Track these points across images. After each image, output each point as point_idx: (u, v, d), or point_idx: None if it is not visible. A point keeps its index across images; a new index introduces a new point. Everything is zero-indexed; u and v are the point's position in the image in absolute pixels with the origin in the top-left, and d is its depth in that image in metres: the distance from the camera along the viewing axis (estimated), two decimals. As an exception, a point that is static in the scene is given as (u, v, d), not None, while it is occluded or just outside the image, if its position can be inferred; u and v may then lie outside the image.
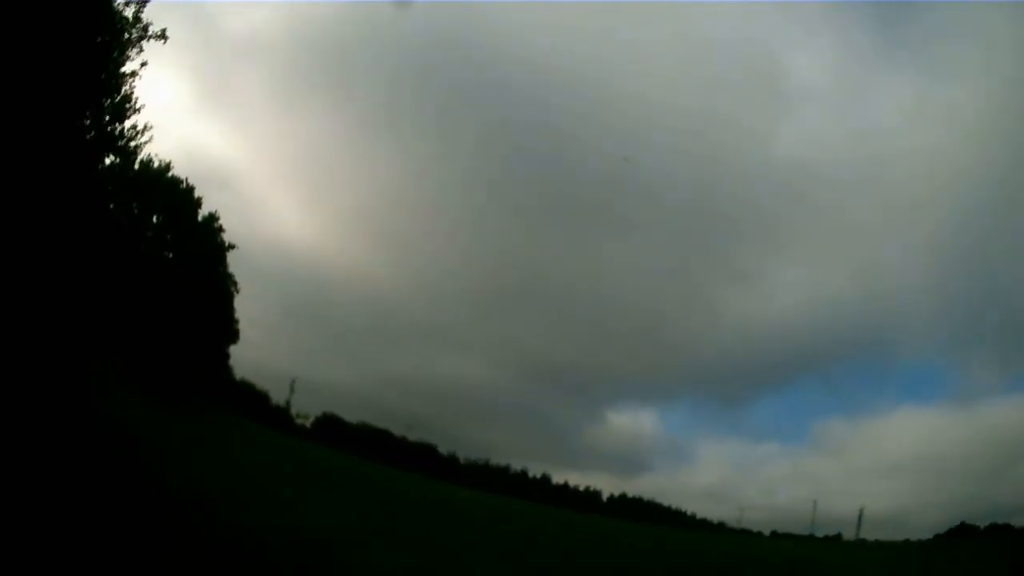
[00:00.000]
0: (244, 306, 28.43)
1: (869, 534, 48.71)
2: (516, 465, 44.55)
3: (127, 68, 16.35)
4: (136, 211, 23.57)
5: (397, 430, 39.48)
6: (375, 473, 27.52)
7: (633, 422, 63.69)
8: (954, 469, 56.38)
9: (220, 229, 27.32)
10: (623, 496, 46.53)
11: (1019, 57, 66.93)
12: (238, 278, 27.86)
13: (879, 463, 59.25)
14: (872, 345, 70.15)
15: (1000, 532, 45.04)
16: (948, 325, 68.48)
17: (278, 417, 35.04)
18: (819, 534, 51.17)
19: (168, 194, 25.02)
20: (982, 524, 48.17)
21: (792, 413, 74.64)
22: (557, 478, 45.16)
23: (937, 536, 47.68)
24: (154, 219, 24.96)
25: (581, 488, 45.04)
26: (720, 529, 49.24)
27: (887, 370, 70.76)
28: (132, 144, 20.69)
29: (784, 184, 69.94)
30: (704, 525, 48.60)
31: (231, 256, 27.19)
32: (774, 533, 51.24)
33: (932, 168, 66.18)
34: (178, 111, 41.14)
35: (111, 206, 20.16)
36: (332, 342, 52.36)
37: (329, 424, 37.14)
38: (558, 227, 67.67)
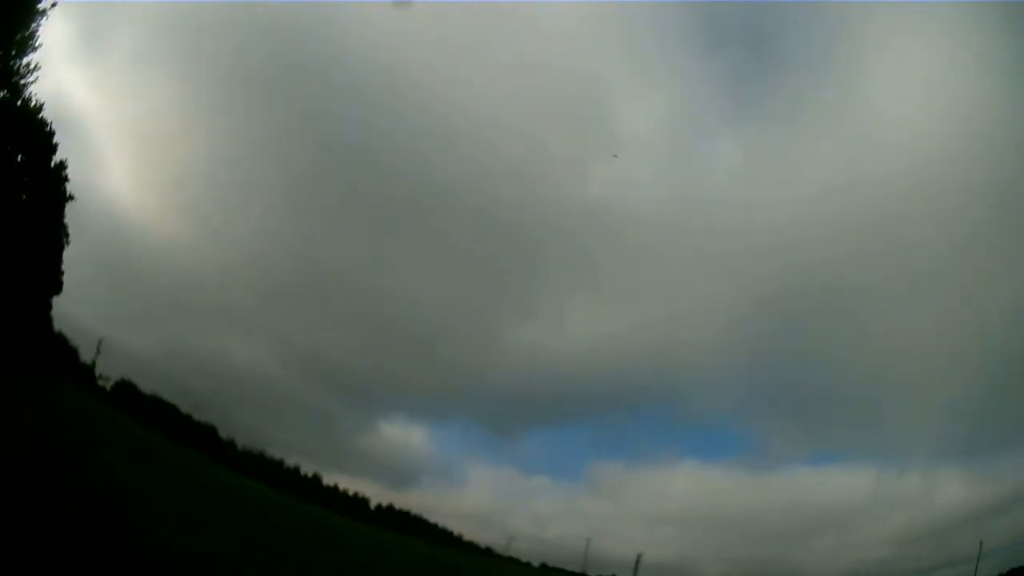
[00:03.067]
0: (71, 259, 29.29)
1: None
2: (290, 460, 45.55)
3: (42, 5, 17.40)
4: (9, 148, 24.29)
5: (184, 407, 39.82)
6: (157, 444, 28.62)
7: (405, 435, 64.07)
8: (742, 529, 58.88)
9: (65, 178, 28.57)
10: (391, 507, 47.88)
11: (857, 120, 67.63)
12: (71, 230, 28.17)
13: (659, 511, 61.20)
14: (663, 395, 71.08)
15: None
16: (748, 389, 70.63)
17: (84, 375, 35.02)
18: (592, 573, 53.76)
19: (33, 136, 26.01)
20: None
21: (569, 450, 76.69)
22: (328, 479, 46.21)
23: None
24: (18, 158, 25.49)
25: (350, 493, 46.15)
26: (488, 554, 51.19)
27: (676, 423, 72.19)
28: (22, 81, 21.51)
29: (597, 224, 71.17)
30: (471, 547, 50.58)
31: (68, 207, 27.74)
32: (544, 566, 53.76)
33: (757, 225, 68.57)
34: (56, 50, 39.91)
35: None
36: (143, 308, 50.63)
37: (125, 390, 37.44)
38: (364, 231, 67.50)
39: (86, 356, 36.45)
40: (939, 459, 60.57)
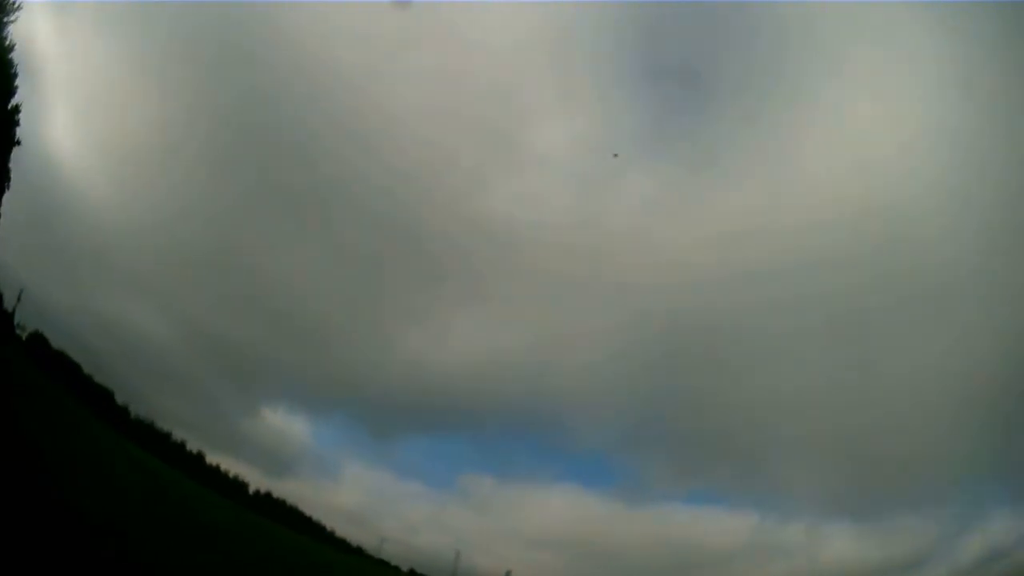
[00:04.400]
0: (9, 207, 30.34)
1: None
2: (178, 435, 45.48)
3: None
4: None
5: (87, 367, 40.21)
6: (63, 402, 30.42)
7: (287, 424, 63.67)
8: (614, 561, 58.38)
9: (17, 123, 29.74)
10: (268, 494, 48.14)
11: (782, 169, 68.75)
12: (13, 175, 29.63)
13: (531, 531, 61.06)
14: (544, 417, 69.86)
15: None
16: (630, 421, 69.74)
17: (3, 322, 35.83)
18: None
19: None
20: None
21: (444, 460, 73.81)
22: (211, 459, 46.34)
23: None
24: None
25: (231, 475, 46.16)
26: (359, 553, 51.51)
27: (554, 445, 70.99)
28: (5, 18, 22.95)
29: (494, 239, 70.92)
30: (343, 545, 50.93)
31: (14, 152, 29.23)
32: (412, 571, 53.79)
33: (659, 261, 68.58)
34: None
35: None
36: (65, 264, 51.32)
37: (37, 343, 38.05)
38: (272, 219, 67.26)
39: (7, 304, 37.19)
40: (825, 515, 60.20)
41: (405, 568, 53.89)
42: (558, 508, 64.83)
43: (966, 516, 55.30)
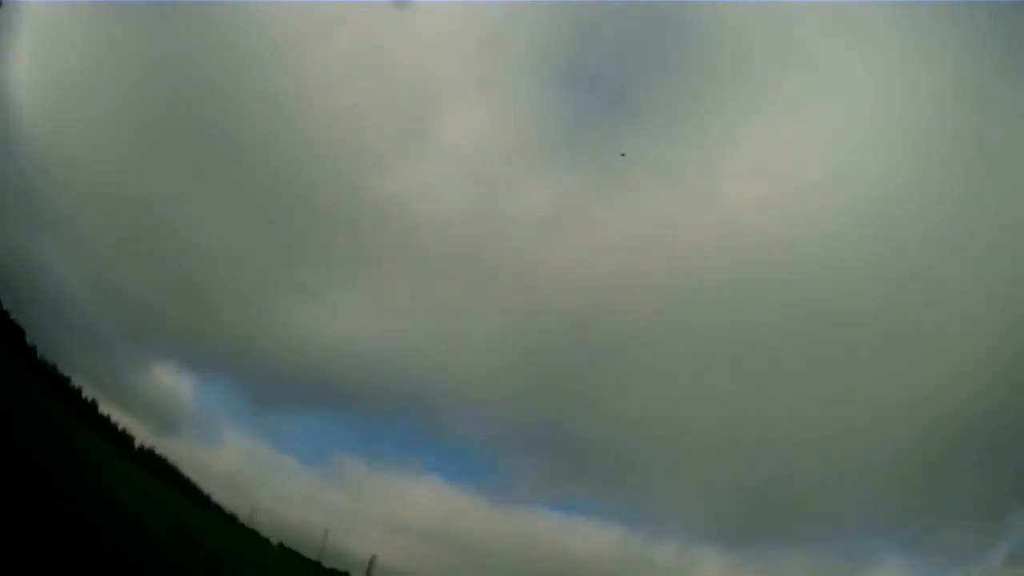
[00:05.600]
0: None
1: None
2: (76, 381, 45.26)
3: None
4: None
5: (6, 303, 40.76)
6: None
7: (175, 383, 62.50)
8: (478, 559, 58.43)
9: None
10: (152, 451, 48.07)
11: (691, 192, 68.12)
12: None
13: (398, 518, 60.45)
14: (419, 405, 69.02)
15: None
16: (504, 419, 69.00)
17: None
18: (327, 564, 53.99)
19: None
20: None
21: (320, 437, 73.08)
22: (104, 409, 46.21)
23: None
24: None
25: (120, 427, 46.26)
26: (232, 521, 51.55)
27: (428, 434, 70.40)
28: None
29: (390, 222, 70.56)
30: (217, 510, 51.26)
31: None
32: (282, 545, 53.56)
33: (552, 262, 67.56)
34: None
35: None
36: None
37: None
38: (182, 173, 66.40)
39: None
40: (699, 538, 59.45)
41: (275, 541, 53.64)
42: (426, 498, 64.65)
43: (854, 561, 56.14)
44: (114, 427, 46.68)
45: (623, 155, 60.42)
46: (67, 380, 45.60)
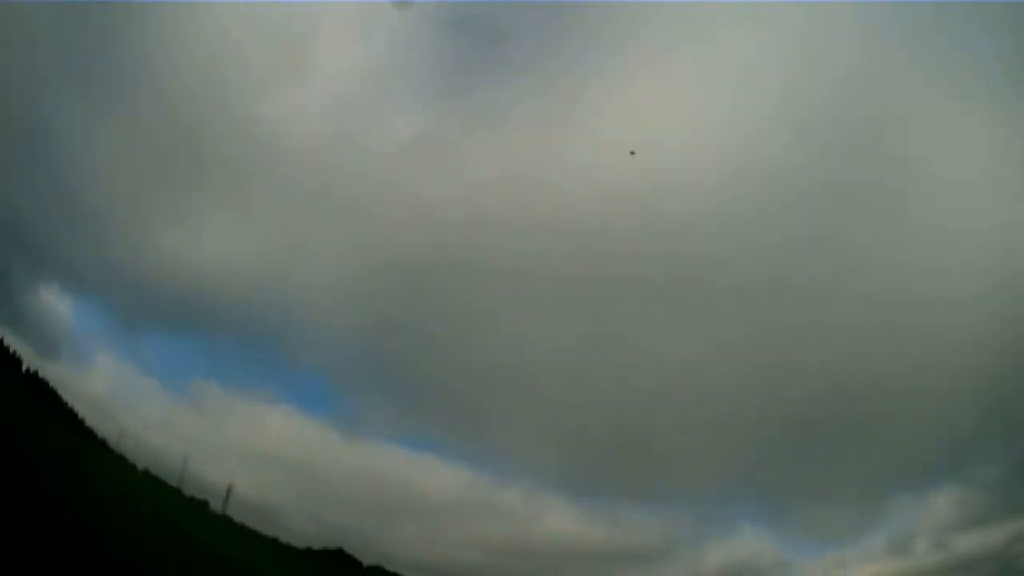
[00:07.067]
0: None
1: (236, 514, 51.29)
2: None
3: None
4: None
5: None
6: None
7: (57, 305, 63.76)
8: (328, 490, 58.97)
9: None
10: (36, 374, 49.32)
11: (554, 131, 68.96)
12: None
13: (253, 447, 61.21)
14: (279, 331, 69.33)
15: (375, 574, 47.18)
16: (357, 352, 68.79)
17: None
18: (187, 492, 53.59)
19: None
20: (363, 559, 49.99)
21: (183, 362, 75.89)
22: None
23: (311, 550, 48.92)
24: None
25: (10, 350, 47.24)
26: (102, 446, 52.46)
27: (284, 362, 70.89)
28: None
29: (261, 147, 71.49)
30: (89, 435, 52.49)
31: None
32: (147, 472, 53.24)
33: (413, 192, 67.64)
34: None
35: None
36: None
37: None
38: (76, 92, 67.75)
39: None
40: (547, 486, 60.84)
41: (140, 467, 53.84)
42: (282, 428, 65.56)
43: (711, 525, 58.17)
44: (5, 349, 48.09)
45: (632, 153, 58.97)
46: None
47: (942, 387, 55.26)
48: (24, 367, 49.13)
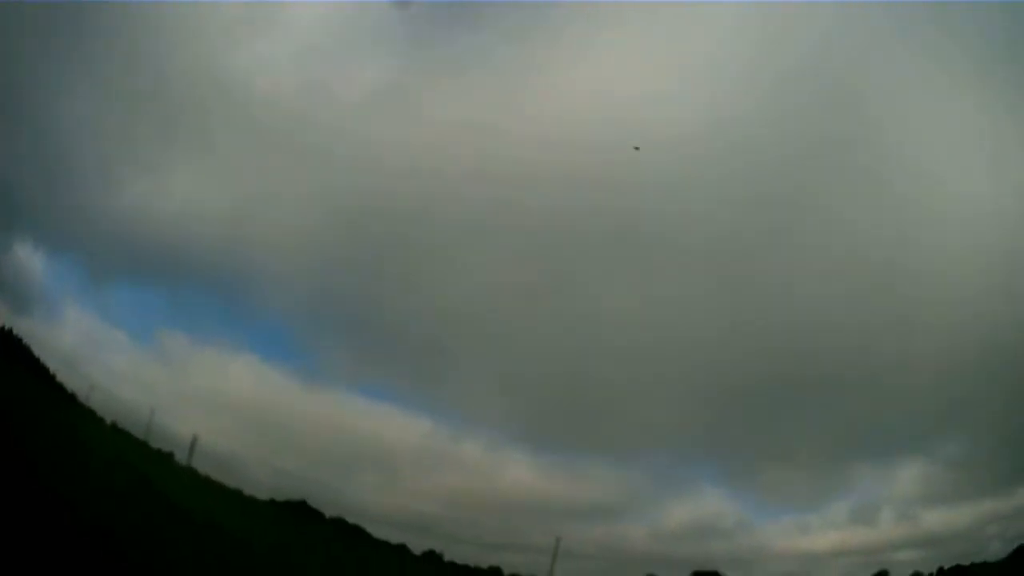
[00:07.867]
0: None
1: (201, 465, 60.61)
2: None
3: None
4: None
5: None
6: None
7: (28, 258, 63.41)
8: (289, 442, 64.03)
9: None
10: (11, 331, 49.37)
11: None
12: None
13: (216, 399, 63.24)
14: (242, 280, 71.59)
15: (338, 525, 55.90)
16: (317, 297, 72.08)
17: None
18: (153, 445, 50.63)
19: None
20: (327, 512, 59.50)
21: (149, 312, 74.55)
22: None
23: (275, 502, 56.60)
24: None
25: None
26: (72, 401, 51.70)
27: (246, 312, 72.75)
28: None
29: (234, 97, 74.30)
30: (60, 389, 52.22)
31: None
32: (115, 425, 51.70)
33: (382, 139, 72.20)
34: None
35: None
36: None
37: None
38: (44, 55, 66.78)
39: None
40: (507, 440, 66.49)
41: (109, 421, 50.92)
42: (243, 377, 63.18)
43: (669, 484, 64.67)
44: (-23, 310, 51.29)
45: (636, 148, 62.42)
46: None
47: (912, 358, 56.75)
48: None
